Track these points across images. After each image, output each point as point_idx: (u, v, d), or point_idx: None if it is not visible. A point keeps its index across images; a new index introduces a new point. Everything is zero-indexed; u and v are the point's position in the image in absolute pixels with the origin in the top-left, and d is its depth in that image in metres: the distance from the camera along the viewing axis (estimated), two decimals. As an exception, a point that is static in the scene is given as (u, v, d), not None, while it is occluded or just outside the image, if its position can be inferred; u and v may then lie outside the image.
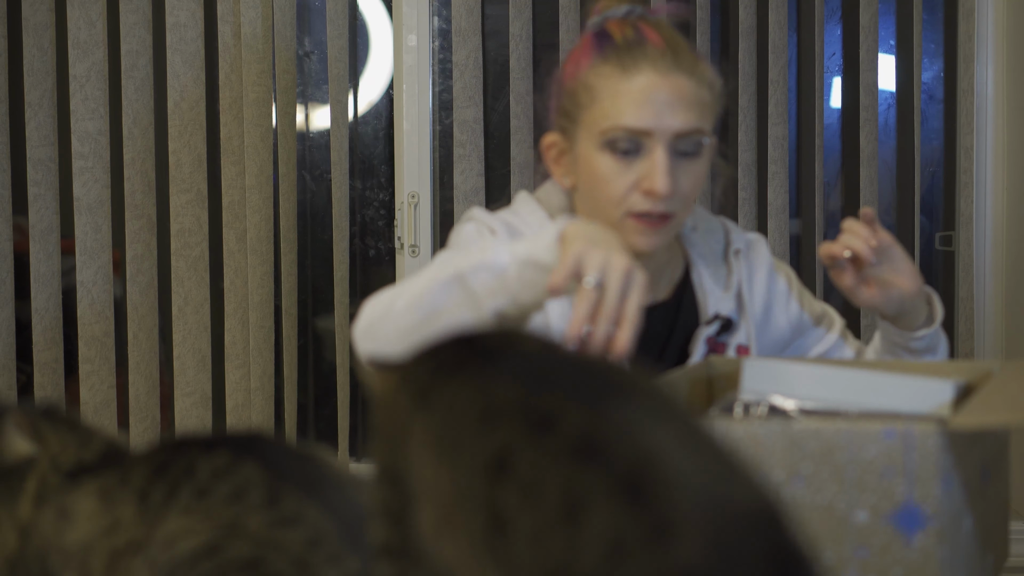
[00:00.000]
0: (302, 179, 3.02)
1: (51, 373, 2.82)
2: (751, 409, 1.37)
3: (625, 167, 1.60)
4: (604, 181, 1.61)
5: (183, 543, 0.92)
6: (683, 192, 1.62)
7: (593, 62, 1.63)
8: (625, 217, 1.62)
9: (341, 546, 0.93)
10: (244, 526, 0.92)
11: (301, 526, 0.93)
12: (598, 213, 1.64)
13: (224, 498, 0.93)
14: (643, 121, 1.59)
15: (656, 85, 1.60)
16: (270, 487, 0.94)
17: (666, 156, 1.59)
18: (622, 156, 1.60)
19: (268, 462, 0.96)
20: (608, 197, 1.62)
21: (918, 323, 1.67)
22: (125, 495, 0.96)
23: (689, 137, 1.61)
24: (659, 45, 1.62)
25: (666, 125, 1.59)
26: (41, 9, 2.79)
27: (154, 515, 0.94)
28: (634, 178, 1.60)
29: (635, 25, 1.65)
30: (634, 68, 1.60)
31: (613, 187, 1.61)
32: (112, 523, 0.96)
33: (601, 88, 1.61)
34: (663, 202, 1.60)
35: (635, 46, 1.62)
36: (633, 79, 1.60)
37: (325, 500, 0.95)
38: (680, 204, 1.62)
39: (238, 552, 0.91)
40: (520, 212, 1.71)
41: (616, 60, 1.61)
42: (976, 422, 1.11)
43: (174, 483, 0.95)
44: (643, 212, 1.61)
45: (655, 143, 1.59)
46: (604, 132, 1.60)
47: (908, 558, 1.09)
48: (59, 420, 1.09)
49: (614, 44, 1.63)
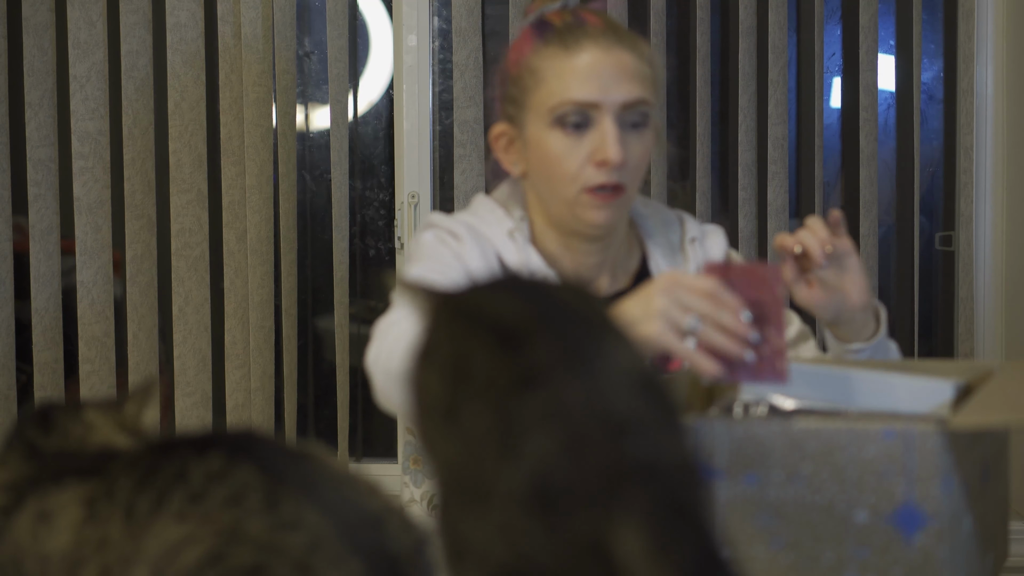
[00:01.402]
0: (302, 179, 3.02)
1: (51, 373, 2.82)
2: (751, 409, 1.37)
3: (576, 142, 1.65)
4: (557, 159, 1.66)
5: (186, 553, 0.91)
6: (633, 162, 1.67)
7: (535, 47, 1.69)
8: (580, 193, 1.66)
9: (342, 548, 0.93)
10: (245, 531, 0.91)
11: (302, 529, 0.92)
12: (553, 194, 1.69)
13: (221, 502, 0.93)
14: (590, 94, 1.64)
15: (600, 60, 1.65)
16: (268, 490, 0.93)
17: (615, 126, 1.64)
18: (572, 131, 1.65)
19: (264, 463, 0.95)
20: (562, 174, 1.66)
21: (858, 337, 1.64)
22: (111, 511, 0.95)
23: (635, 108, 1.66)
24: (599, 25, 1.68)
25: (612, 97, 1.64)
26: (41, 9, 2.79)
27: (140, 527, 0.93)
28: (586, 152, 1.65)
29: (573, 11, 1.71)
30: (576, 46, 1.66)
31: (566, 164, 1.66)
32: (101, 539, 0.95)
33: (546, 69, 1.67)
34: (615, 172, 1.65)
35: (575, 27, 1.68)
36: (577, 56, 1.65)
37: (324, 501, 0.95)
38: (630, 176, 1.67)
39: (241, 559, 0.90)
40: (479, 212, 1.76)
41: (559, 41, 1.67)
42: (976, 422, 1.11)
43: (163, 490, 0.94)
44: (597, 185, 1.65)
45: (603, 115, 1.64)
46: (553, 109, 1.65)
47: (908, 558, 1.09)
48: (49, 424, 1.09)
49: (554, 28, 1.68)
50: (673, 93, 3.00)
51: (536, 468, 0.79)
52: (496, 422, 0.81)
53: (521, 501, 0.80)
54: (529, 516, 0.79)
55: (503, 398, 0.81)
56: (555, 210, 1.71)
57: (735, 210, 2.92)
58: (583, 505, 0.79)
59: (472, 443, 0.82)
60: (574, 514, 0.79)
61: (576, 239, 1.73)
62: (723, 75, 3.04)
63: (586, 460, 0.79)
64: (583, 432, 0.80)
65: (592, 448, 0.79)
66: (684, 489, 0.80)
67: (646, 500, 0.78)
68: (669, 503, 0.79)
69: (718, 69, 3.02)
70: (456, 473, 0.83)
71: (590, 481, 0.79)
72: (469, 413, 0.82)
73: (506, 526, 0.80)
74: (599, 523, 0.78)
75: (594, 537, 0.78)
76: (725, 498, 1.15)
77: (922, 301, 3.00)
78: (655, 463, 0.80)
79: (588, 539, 0.78)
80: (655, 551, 0.77)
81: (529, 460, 0.80)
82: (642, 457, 0.79)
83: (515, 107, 1.71)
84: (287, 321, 2.81)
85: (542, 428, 0.80)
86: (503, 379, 0.82)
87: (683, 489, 0.80)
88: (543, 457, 0.79)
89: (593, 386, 0.81)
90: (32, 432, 1.08)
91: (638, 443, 0.80)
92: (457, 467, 0.83)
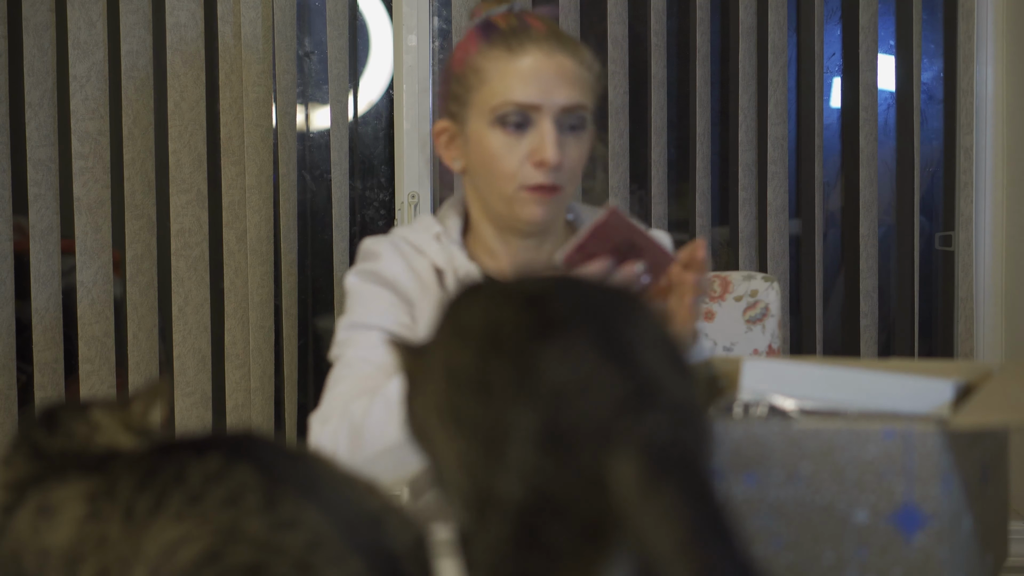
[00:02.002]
0: (302, 179, 3.03)
1: (51, 373, 2.82)
2: (751, 409, 1.37)
3: (515, 141, 1.71)
4: (496, 157, 1.72)
5: (183, 551, 0.91)
6: (569, 164, 1.73)
7: (480, 47, 1.74)
8: (518, 190, 1.72)
9: (342, 547, 0.93)
10: (243, 530, 0.91)
11: (301, 528, 0.92)
12: (492, 190, 1.75)
13: (219, 503, 0.92)
14: (531, 96, 1.70)
15: (542, 63, 1.71)
16: (266, 490, 0.93)
17: (553, 129, 1.70)
18: (513, 130, 1.71)
19: (262, 464, 0.95)
20: (501, 172, 1.72)
21: None
22: (112, 510, 0.95)
23: (573, 112, 1.72)
24: (542, 29, 1.74)
25: (552, 100, 1.70)
26: (41, 9, 2.78)
27: (139, 528, 0.93)
28: (524, 151, 1.71)
29: (518, 15, 1.77)
30: (520, 49, 1.71)
31: (506, 162, 1.72)
32: (101, 537, 0.95)
33: (490, 69, 1.72)
34: (552, 173, 1.71)
35: (520, 31, 1.73)
36: (520, 59, 1.71)
37: (323, 500, 0.94)
38: (567, 177, 1.73)
39: (239, 558, 0.90)
40: (415, 227, 1.84)
41: (503, 43, 1.72)
42: (976, 422, 1.11)
43: (161, 491, 0.94)
44: (535, 185, 1.71)
45: (542, 117, 1.70)
46: (495, 109, 1.71)
47: (908, 558, 1.09)
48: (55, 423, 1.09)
49: (500, 31, 1.74)
50: (673, 93, 3.00)
51: (549, 406, 0.86)
52: (516, 369, 0.88)
53: (535, 439, 0.86)
54: (542, 453, 0.86)
55: (523, 346, 0.89)
56: (493, 205, 1.77)
57: (735, 210, 2.92)
58: (588, 440, 0.85)
59: (496, 395, 0.88)
60: (580, 449, 0.85)
61: (512, 234, 1.79)
62: (723, 75, 3.04)
63: (592, 398, 0.86)
64: (592, 373, 0.87)
65: (598, 387, 0.86)
66: (682, 427, 0.86)
67: (644, 434, 0.84)
68: (665, 439, 0.84)
69: (718, 69, 3.02)
70: (482, 433, 0.89)
71: (594, 417, 0.85)
72: (496, 370, 0.89)
73: (523, 465, 0.86)
74: (601, 456, 0.84)
75: (598, 470, 0.84)
76: (725, 498, 1.15)
77: (922, 301, 3.00)
78: (655, 401, 0.86)
79: (593, 472, 0.85)
80: (646, 482, 0.83)
81: (543, 399, 0.86)
82: (644, 395, 0.86)
83: (458, 104, 1.76)
84: (287, 321, 2.81)
85: (555, 370, 0.87)
86: (524, 330, 0.90)
87: (681, 427, 0.86)
88: (555, 396, 0.86)
89: (604, 335, 0.88)
90: (37, 432, 1.08)
91: (641, 383, 0.87)
92: (483, 426, 0.89)
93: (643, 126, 2.94)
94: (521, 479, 0.87)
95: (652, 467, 0.83)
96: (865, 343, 2.89)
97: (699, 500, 0.83)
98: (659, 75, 2.90)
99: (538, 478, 0.87)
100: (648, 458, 0.84)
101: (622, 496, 0.84)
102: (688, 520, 0.82)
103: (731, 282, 2.16)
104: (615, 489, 0.84)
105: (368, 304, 1.76)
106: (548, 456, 0.86)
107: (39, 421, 1.10)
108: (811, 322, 2.94)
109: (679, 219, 3.12)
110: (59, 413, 1.11)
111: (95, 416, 1.11)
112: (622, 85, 2.87)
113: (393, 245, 1.80)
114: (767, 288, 2.14)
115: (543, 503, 0.87)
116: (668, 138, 2.94)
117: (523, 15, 1.77)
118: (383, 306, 1.75)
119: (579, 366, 0.87)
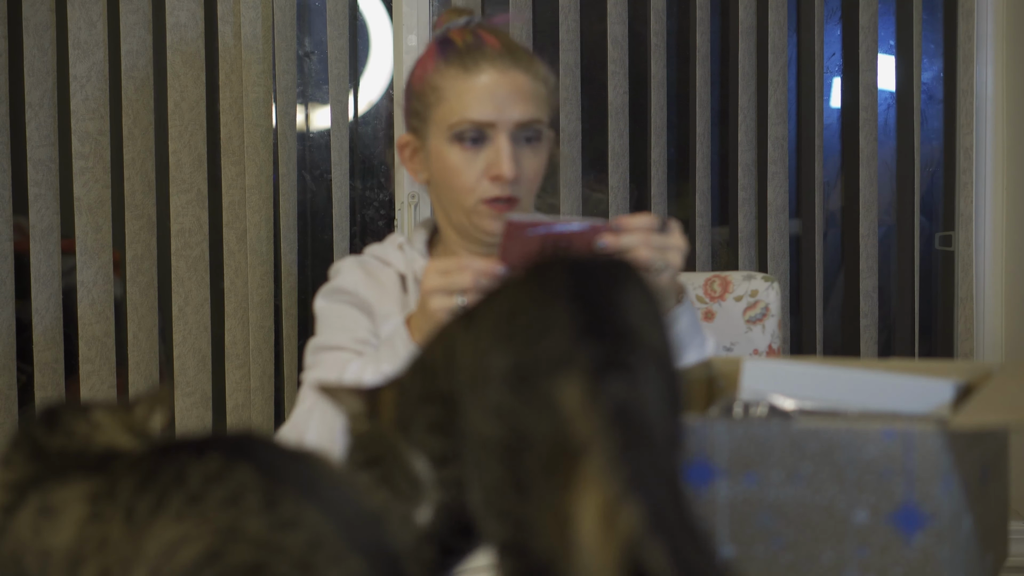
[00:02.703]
0: (302, 179, 3.03)
1: (51, 373, 2.82)
2: (751, 409, 1.37)
3: (473, 157, 1.78)
4: (455, 172, 1.79)
5: (183, 551, 0.91)
6: (526, 175, 1.79)
7: (438, 65, 1.81)
8: (477, 204, 1.79)
9: (342, 546, 0.93)
10: (243, 530, 0.91)
11: (301, 528, 0.92)
12: (452, 202, 1.83)
13: (219, 503, 0.92)
14: (486, 114, 1.76)
15: (496, 81, 1.77)
16: (266, 490, 0.93)
17: (509, 144, 1.77)
18: (470, 146, 1.78)
19: (262, 464, 0.95)
20: (461, 186, 1.79)
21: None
22: (113, 511, 0.95)
23: (528, 127, 1.79)
24: (497, 47, 1.80)
25: (507, 116, 1.77)
26: (41, 9, 2.78)
27: (140, 530, 0.93)
28: (482, 166, 1.78)
29: (474, 31, 1.83)
30: (475, 68, 1.78)
31: (464, 177, 1.79)
32: (102, 539, 0.95)
33: (447, 87, 1.79)
34: (509, 186, 1.77)
35: (475, 48, 1.80)
36: (475, 77, 1.78)
37: (323, 500, 0.94)
38: (524, 189, 1.80)
39: (239, 558, 0.90)
40: (384, 243, 1.94)
41: (459, 62, 1.79)
42: (976, 422, 1.11)
43: (162, 492, 0.94)
44: (492, 198, 1.78)
45: (498, 133, 1.77)
46: (452, 126, 1.78)
47: (908, 558, 1.09)
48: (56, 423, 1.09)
49: (456, 48, 1.81)
50: (673, 93, 3.00)
51: (518, 349, 0.94)
52: (500, 325, 0.96)
53: (505, 379, 0.94)
54: (512, 392, 0.93)
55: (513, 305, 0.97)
56: (455, 217, 1.85)
57: (735, 210, 2.92)
58: (546, 372, 0.92)
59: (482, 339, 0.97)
60: (538, 382, 0.92)
61: (475, 244, 1.86)
62: (723, 75, 3.04)
63: (553, 335, 0.93)
64: (557, 313, 0.94)
65: (560, 325, 0.93)
66: (627, 351, 0.93)
67: (589, 359, 0.91)
68: (608, 361, 0.91)
69: (718, 69, 3.02)
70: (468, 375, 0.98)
71: (553, 351, 0.92)
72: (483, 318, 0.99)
73: (499, 407, 0.94)
74: (554, 386, 0.91)
75: (553, 398, 0.92)
76: (725, 498, 1.15)
77: (922, 301, 3.00)
78: (607, 330, 0.93)
79: (550, 400, 0.92)
80: (589, 398, 0.90)
81: (513, 342, 0.94)
82: (598, 328, 0.93)
83: (419, 120, 1.84)
84: (287, 321, 2.81)
85: (526, 312, 0.95)
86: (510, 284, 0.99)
87: (626, 351, 0.93)
88: (523, 335, 0.94)
89: (582, 285, 0.96)
90: (38, 432, 1.08)
91: (598, 319, 0.93)
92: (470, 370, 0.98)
93: (643, 126, 2.94)
94: (501, 422, 0.94)
95: (594, 383, 0.90)
96: (865, 343, 2.88)
97: (636, 411, 0.90)
98: (659, 75, 2.90)
99: (512, 418, 0.93)
100: (591, 376, 0.90)
101: (569, 416, 0.90)
102: (622, 431, 0.89)
103: (731, 282, 2.16)
104: (563, 410, 0.91)
105: (332, 324, 1.84)
106: (515, 395, 0.93)
107: (40, 421, 1.10)
108: (811, 322, 2.94)
109: (679, 219, 3.11)
110: (60, 412, 1.11)
111: (96, 416, 1.11)
112: (622, 85, 2.87)
113: (357, 261, 1.90)
114: (767, 288, 2.14)
115: (519, 443, 0.93)
116: (668, 138, 2.94)
117: (479, 31, 1.83)
118: (345, 322, 1.83)
119: (545, 307, 0.95)
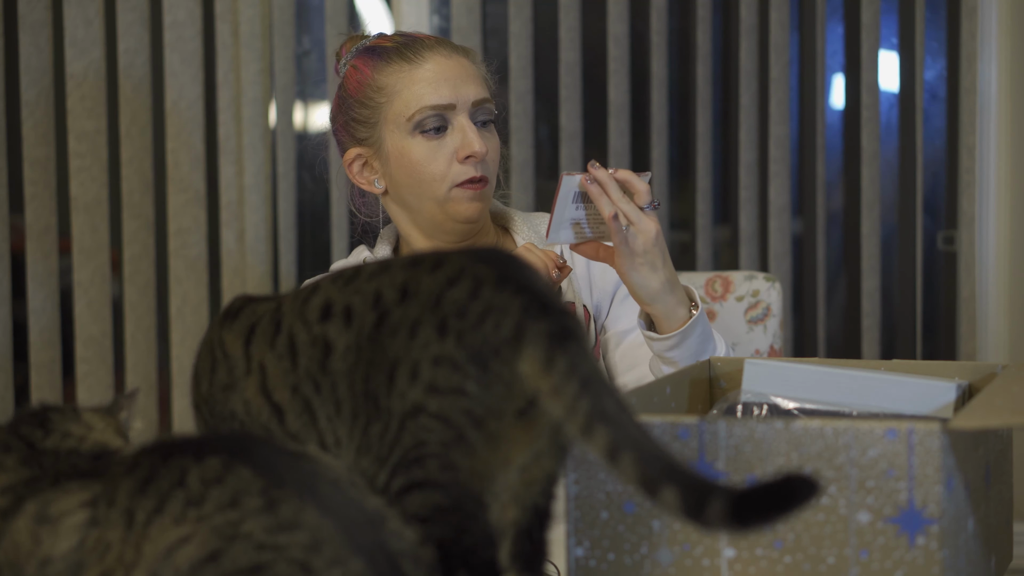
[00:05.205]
0: (301, 179, 3.02)
1: (48, 374, 2.81)
2: (752, 409, 1.36)
3: (438, 145, 1.77)
4: (423, 164, 1.78)
5: (182, 552, 0.91)
6: (491, 156, 1.80)
7: (376, 67, 1.80)
8: (451, 190, 1.78)
9: (342, 547, 0.93)
10: (243, 532, 0.92)
11: (301, 529, 0.93)
12: (422, 198, 1.80)
13: (219, 505, 0.93)
14: (444, 97, 1.77)
15: (444, 65, 1.79)
16: (266, 492, 0.94)
17: (471, 122, 1.78)
18: (433, 135, 1.77)
19: (261, 466, 0.96)
20: (431, 176, 1.77)
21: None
22: (113, 516, 0.96)
23: (483, 106, 1.80)
24: (430, 39, 1.82)
25: (464, 96, 1.78)
26: (38, 7, 2.78)
27: (140, 534, 0.94)
28: (449, 152, 1.77)
29: (400, 33, 1.85)
30: (419, 58, 1.79)
31: (433, 166, 1.77)
32: (103, 544, 0.95)
33: (395, 83, 1.78)
34: (480, 164, 1.78)
35: (412, 42, 1.81)
36: (422, 65, 1.78)
37: (323, 501, 0.95)
38: (491, 169, 1.81)
39: (239, 558, 0.91)
40: (350, 259, 1.95)
41: (400, 57, 1.79)
42: (979, 423, 1.10)
43: (162, 496, 0.94)
44: (467, 179, 1.77)
45: (458, 115, 1.78)
46: (411, 118, 1.77)
47: (910, 559, 1.08)
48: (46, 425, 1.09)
49: (390, 49, 1.81)
50: (674, 92, 3.00)
51: (472, 338, 1.04)
52: (428, 310, 1.06)
53: (463, 365, 1.03)
54: (472, 378, 1.03)
55: (436, 294, 1.07)
56: (426, 214, 1.81)
57: (736, 209, 2.91)
58: (501, 351, 1.03)
59: (419, 335, 1.07)
60: (495, 361, 1.03)
61: (445, 241, 1.83)
62: (724, 74, 3.03)
63: (501, 319, 1.04)
64: (496, 303, 1.04)
65: (504, 310, 1.04)
66: (572, 322, 1.05)
67: (544, 331, 1.03)
68: (560, 332, 1.03)
69: (719, 68, 3.02)
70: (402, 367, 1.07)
71: (503, 332, 1.04)
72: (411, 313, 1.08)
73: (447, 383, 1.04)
74: (513, 360, 1.03)
75: (511, 374, 1.03)
76: (725, 499, 1.14)
77: (925, 301, 2.99)
78: (549, 311, 1.04)
79: (508, 378, 1.03)
80: (546, 363, 1.02)
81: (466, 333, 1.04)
82: (537, 310, 1.04)
83: (367, 127, 1.81)
84: (286, 321, 2.80)
85: (458, 301, 1.05)
86: (435, 286, 1.08)
87: (571, 322, 1.05)
88: (471, 327, 1.04)
89: (504, 272, 1.07)
90: (29, 434, 1.08)
91: (536, 302, 1.05)
92: (403, 361, 1.07)
93: (644, 125, 2.93)
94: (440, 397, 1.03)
95: (551, 347, 1.02)
96: (867, 343, 2.88)
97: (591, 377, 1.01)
98: (660, 74, 2.89)
99: (466, 399, 1.04)
100: (547, 346, 1.02)
101: (530, 385, 1.02)
102: (581, 376, 1.01)
103: (732, 282, 2.15)
104: (524, 380, 1.03)
105: None
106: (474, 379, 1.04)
107: (28, 423, 1.10)
108: (813, 322, 2.94)
109: (680, 218, 3.12)
110: (48, 415, 1.11)
111: (86, 418, 1.12)
112: (623, 84, 2.86)
113: (323, 276, 1.87)
114: (768, 288, 2.13)
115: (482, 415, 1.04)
116: (669, 137, 2.93)
117: (404, 31, 1.85)
118: None
119: (479, 294, 1.05)
